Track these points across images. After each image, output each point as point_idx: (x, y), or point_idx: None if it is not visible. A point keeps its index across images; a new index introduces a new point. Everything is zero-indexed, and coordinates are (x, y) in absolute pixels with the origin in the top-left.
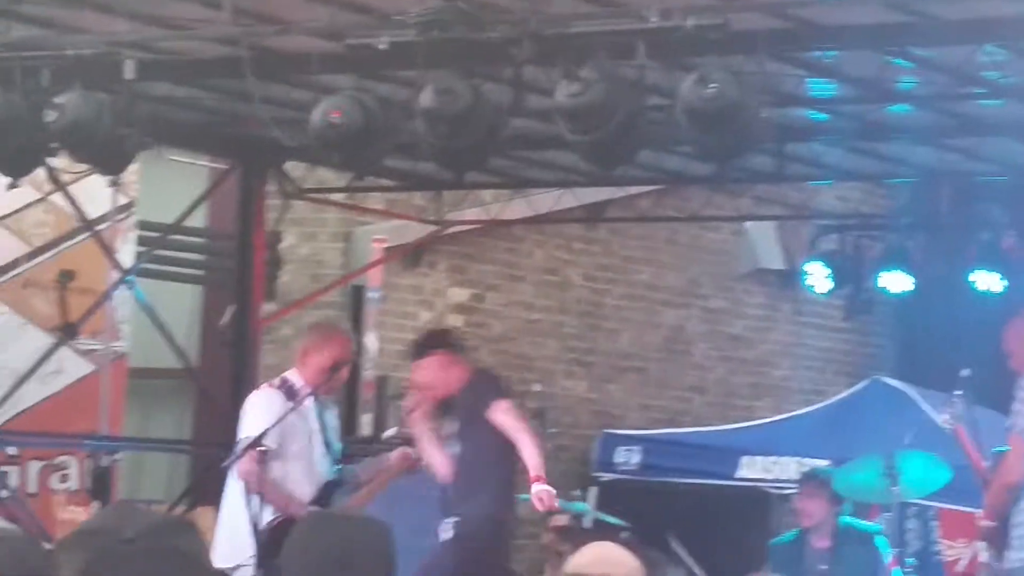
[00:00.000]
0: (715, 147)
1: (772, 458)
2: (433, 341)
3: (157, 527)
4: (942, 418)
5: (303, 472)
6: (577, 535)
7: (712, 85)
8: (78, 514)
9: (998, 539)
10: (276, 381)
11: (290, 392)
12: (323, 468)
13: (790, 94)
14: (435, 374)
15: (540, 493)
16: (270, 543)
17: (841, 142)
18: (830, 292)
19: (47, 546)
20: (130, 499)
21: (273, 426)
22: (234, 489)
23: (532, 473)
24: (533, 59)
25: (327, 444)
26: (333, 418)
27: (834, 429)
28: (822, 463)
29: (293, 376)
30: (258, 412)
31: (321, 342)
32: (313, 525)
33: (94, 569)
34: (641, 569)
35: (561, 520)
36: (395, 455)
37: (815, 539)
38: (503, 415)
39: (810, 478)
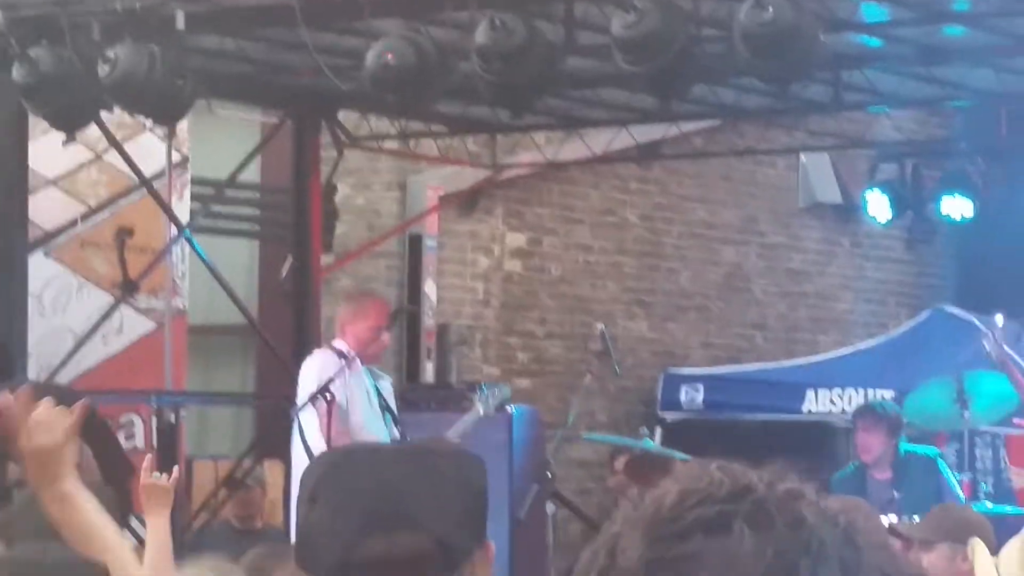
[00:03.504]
0: (774, 72)
1: (838, 390)
2: None
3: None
4: (987, 346)
5: (366, 429)
6: (645, 466)
7: (769, 9)
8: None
9: None
10: (325, 347)
11: (340, 354)
12: (387, 432)
13: (844, 19)
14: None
15: None
16: None
17: (897, 67)
18: (890, 221)
19: None
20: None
21: (332, 379)
22: (299, 445)
23: None
24: None
25: (387, 410)
26: (388, 385)
27: (899, 360)
28: (888, 394)
29: (339, 344)
30: (317, 369)
31: (356, 312)
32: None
33: (337, 468)
34: None
35: (626, 458)
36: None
37: (876, 471)
38: None
39: (865, 412)
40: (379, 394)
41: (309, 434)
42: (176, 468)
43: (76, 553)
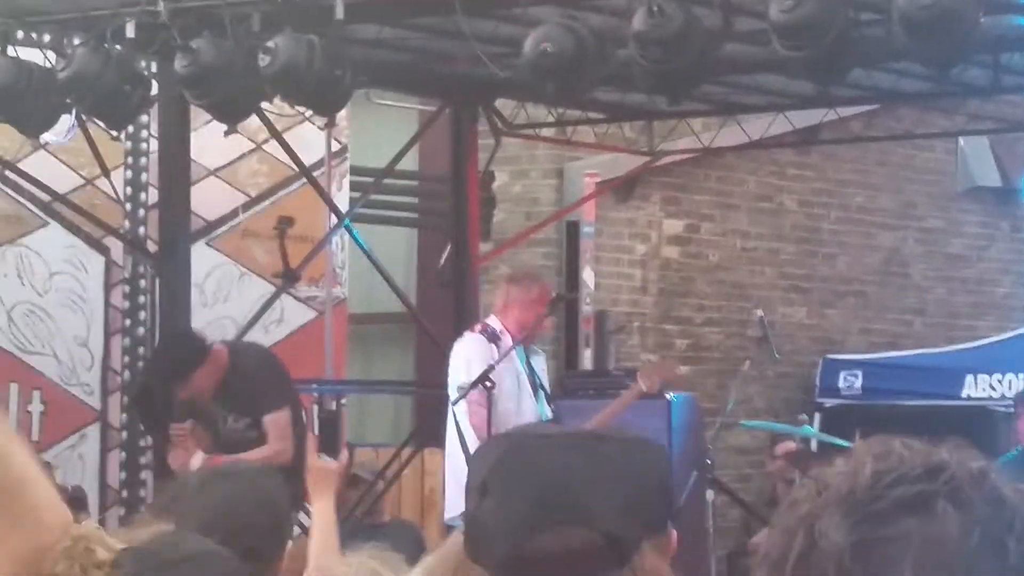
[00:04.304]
0: (933, 56)
1: (997, 376)
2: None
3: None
4: None
5: (514, 412)
6: (807, 458)
7: None
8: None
9: None
10: (477, 327)
11: (492, 336)
12: (537, 410)
13: (1003, 1)
14: None
15: None
16: None
17: None
18: None
19: None
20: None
21: (486, 373)
22: (454, 434)
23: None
24: None
25: (539, 387)
26: (541, 362)
27: None
28: None
29: (493, 322)
30: (465, 357)
31: (523, 296)
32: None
33: (508, 457)
34: None
35: (789, 445)
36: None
37: None
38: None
39: None
40: (532, 371)
41: (464, 426)
42: (344, 453)
43: (209, 544)
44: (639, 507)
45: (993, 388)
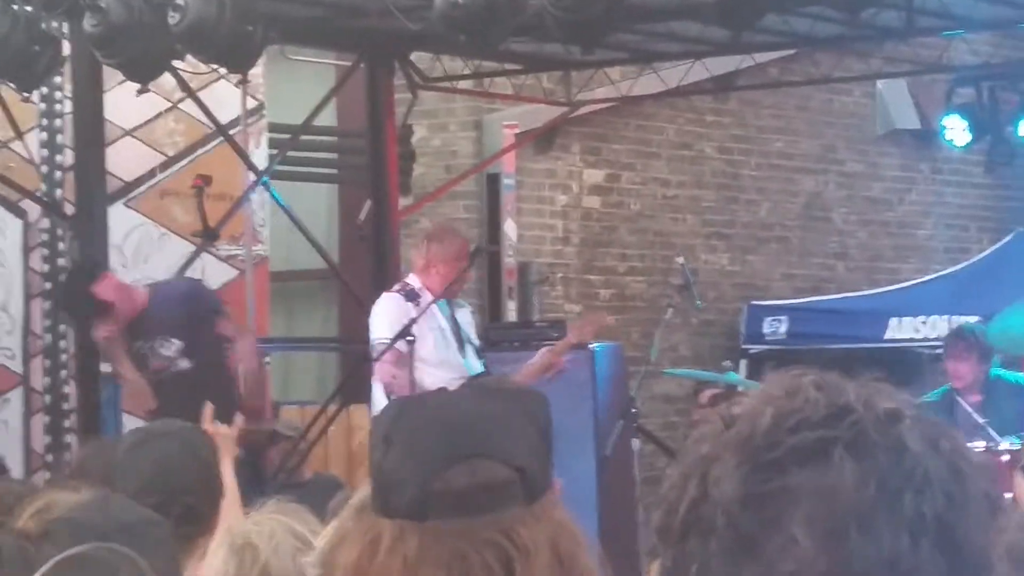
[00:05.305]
0: None
1: (921, 318)
2: None
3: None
4: None
5: (438, 370)
6: (732, 397)
7: None
8: None
9: None
10: (396, 286)
11: (410, 295)
12: (466, 364)
13: None
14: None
15: None
16: None
17: None
18: (969, 145)
19: None
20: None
21: (407, 328)
22: (378, 392)
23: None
24: None
25: (466, 341)
26: (466, 315)
27: (982, 285)
28: (972, 320)
29: (413, 280)
30: (385, 316)
31: (443, 253)
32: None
33: (408, 409)
34: None
35: (711, 392)
36: (539, 356)
37: (966, 395)
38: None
39: (957, 338)
40: (457, 326)
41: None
42: (238, 417)
43: (140, 511)
44: (541, 449)
45: (916, 330)
